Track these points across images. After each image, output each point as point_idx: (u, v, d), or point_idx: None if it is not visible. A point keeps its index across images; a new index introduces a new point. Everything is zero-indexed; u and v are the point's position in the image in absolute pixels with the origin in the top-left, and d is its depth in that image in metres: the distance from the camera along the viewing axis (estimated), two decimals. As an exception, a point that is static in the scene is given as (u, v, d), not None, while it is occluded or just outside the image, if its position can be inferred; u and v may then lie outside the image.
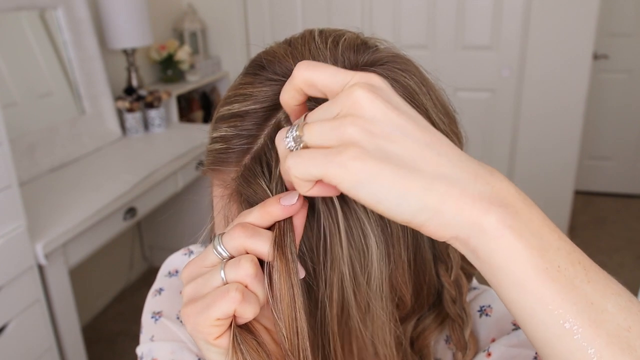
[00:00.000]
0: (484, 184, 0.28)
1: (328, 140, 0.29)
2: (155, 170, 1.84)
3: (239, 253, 0.34)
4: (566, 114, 2.56)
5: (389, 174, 0.27)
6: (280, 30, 2.77)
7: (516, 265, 0.27)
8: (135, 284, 2.54)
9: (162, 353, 0.53)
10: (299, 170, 0.29)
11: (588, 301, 0.27)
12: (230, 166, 0.38)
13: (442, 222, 0.28)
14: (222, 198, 0.39)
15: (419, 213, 0.28)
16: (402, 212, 0.28)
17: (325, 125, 0.29)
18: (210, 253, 0.35)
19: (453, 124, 0.41)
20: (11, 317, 1.31)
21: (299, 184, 0.30)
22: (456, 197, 0.27)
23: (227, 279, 0.33)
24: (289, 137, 0.30)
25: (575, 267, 0.28)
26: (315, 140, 0.29)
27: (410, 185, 0.27)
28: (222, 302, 0.32)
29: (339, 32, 0.41)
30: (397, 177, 0.27)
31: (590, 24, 2.38)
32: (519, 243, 0.27)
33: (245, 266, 0.33)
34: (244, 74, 0.41)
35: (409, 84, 0.38)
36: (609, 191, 3.38)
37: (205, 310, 0.32)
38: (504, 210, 0.28)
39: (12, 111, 1.75)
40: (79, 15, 1.99)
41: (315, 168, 0.28)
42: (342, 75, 0.30)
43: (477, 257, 0.28)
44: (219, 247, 0.34)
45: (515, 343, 0.44)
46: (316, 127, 0.29)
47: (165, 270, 0.62)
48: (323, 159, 0.28)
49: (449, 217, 0.28)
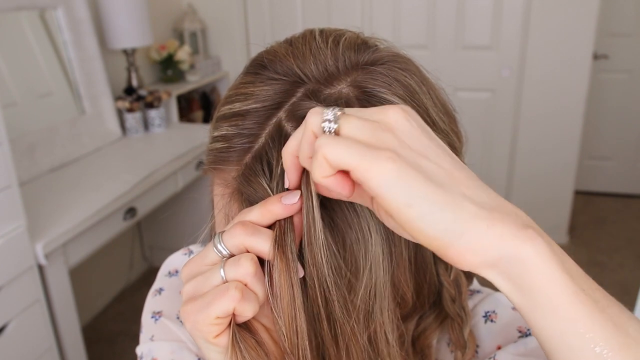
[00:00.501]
0: (510, 210, 0.28)
1: (365, 136, 0.28)
2: (155, 170, 1.84)
3: (239, 251, 0.34)
4: (566, 114, 2.56)
5: (422, 182, 0.27)
6: (280, 30, 2.77)
7: (551, 288, 0.27)
8: (135, 284, 2.54)
9: (162, 353, 0.53)
10: (334, 152, 0.28)
11: (614, 325, 0.27)
12: (231, 165, 0.38)
13: (470, 244, 0.27)
14: (222, 197, 0.39)
15: (448, 233, 0.27)
16: (432, 224, 0.27)
17: (365, 122, 0.29)
18: (210, 251, 0.34)
19: (453, 123, 0.41)
20: (11, 317, 1.31)
21: (323, 166, 0.28)
22: (486, 219, 0.27)
23: (226, 277, 0.33)
24: (329, 115, 0.29)
25: (595, 292, 0.28)
26: (352, 130, 0.28)
27: (442, 198, 0.27)
28: (222, 301, 0.32)
29: (339, 31, 0.41)
30: (430, 187, 0.27)
31: (590, 24, 2.38)
32: (554, 265, 0.27)
33: (245, 265, 0.33)
34: (245, 73, 0.41)
35: (409, 83, 0.38)
36: (609, 191, 3.38)
37: (205, 309, 0.32)
38: (533, 232, 0.27)
39: (12, 111, 1.75)
40: (79, 15, 1.99)
41: (352, 157, 0.27)
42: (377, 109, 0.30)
43: (509, 280, 0.28)
44: (219, 245, 0.34)
45: (523, 352, 0.44)
46: (355, 120, 0.29)
47: (165, 270, 0.62)
48: (360, 150, 0.27)
49: (478, 238, 0.27)
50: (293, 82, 0.37)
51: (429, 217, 0.27)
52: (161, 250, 2.61)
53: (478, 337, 0.48)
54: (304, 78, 0.37)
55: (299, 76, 0.37)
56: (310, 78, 0.37)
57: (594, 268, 2.59)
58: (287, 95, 0.37)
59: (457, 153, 0.40)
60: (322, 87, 0.36)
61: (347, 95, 0.36)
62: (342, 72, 0.37)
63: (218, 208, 0.40)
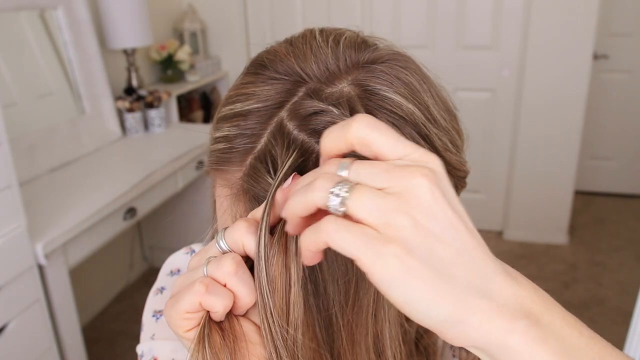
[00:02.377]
0: (509, 295, 0.28)
1: (375, 220, 0.27)
2: (155, 170, 1.84)
3: (237, 248, 0.34)
4: (566, 114, 2.56)
5: (424, 281, 0.26)
6: (280, 30, 2.77)
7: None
8: (135, 284, 2.54)
9: (163, 352, 0.53)
10: (338, 242, 0.27)
11: None
12: (234, 166, 0.38)
13: (463, 332, 0.27)
14: (226, 198, 0.39)
15: (443, 322, 0.27)
16: (427, 319, 0.27)
17: (379, 202, 0.27)
18: (212, 247, 0.35)
19: (454, 120, 0.41)
20: (11, 317, 1.31)
21: (318, 244, 0.28)
22: (483, 312, 0.27)
23: (208, 275, 0.33)
24: (336, 196, 0.28)
25: (595, 348, 0.28)
26: (362, 213, 0.27)
27: (442, 295, 0.27)
28: (188, 295, 0.33)
29: (339, 30, 0.41)
30: (432, 286, 0.26)
31: (590, 24, 2.38)
32: (545, 355, 0.27)
33: (226, 264, 0.33)
34: (245, 73, 0.41)
35: (410, 81, 0.38)
36: (609, 191, 3.38)
37: (176, 303, 0.33)
38: (527, 322, 0.27)
39: (12, 111, 1.75)
40: (79, 15, 1.99)
41: (353, 248, 0.27)
42: (401, 146, 0.28)
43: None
44: (221, 241, 0.34)
45: None
46: (367, 199, 0.27)
47: (166, 269, 0.62)
48: (364, 242, 0.26)
49: (472, 329, 0.27)
50: (294, 81, 0.37)
51: (426, 314, 0.27)
52: (161, 250, 2.61)
53: None
54: (305, 77, 0.37)
55: (300, 75, 0.37)
56: (312, 77, 0.37)
57: (594, 268, 2.59)
58: (288, 95, 0.37)
59: (459, 150, 0.41)
60: (324, 86, 0.36)
61: (349, 93, 0.36)
62: (343, 70, 0.37)
63: (222, 209, 0.40)
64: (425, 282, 0.26)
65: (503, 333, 0.27)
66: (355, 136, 0.28)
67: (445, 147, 0.38)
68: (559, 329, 0.28)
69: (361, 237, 0.26)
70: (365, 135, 0.28)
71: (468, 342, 0.28)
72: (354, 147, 0.29)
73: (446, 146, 0.38)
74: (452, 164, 0.39)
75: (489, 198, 2.85)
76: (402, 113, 0.36)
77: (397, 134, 0.29)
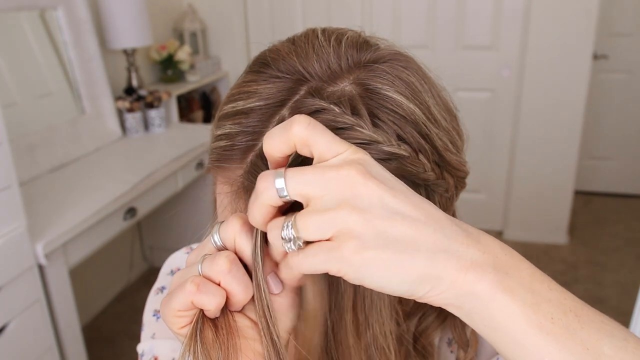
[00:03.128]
0: (476, 251, 0.29)
1: (326, 233, 0.29)
2: (155, 170, 1.84)
3: (229, 244, 0.34)
4: (566, 114, 2.56)
5: (389, 263, 0.28)
6: (281, 30, 2.77)
7: (512, 325, 0.28)
8: (135, 284, 2.54)
9: (163, 350, 0.53)
10: (306, 267, 0.30)
11: (584, 347, 0.28)
12: (235, 163, 0.38)
13: (438, 292, 0.29)
14: (227, 195, 0.39)
15: (418, 288, 0.29)
16: (404, 292, 0.29)
17: (322, 217, 0.29)
18: (208, 242, 0.35)
19: (454, 120, 0.41)
20: (11, 317, 1.31)
21: (296, 277, 0.33)
22: (452, 270, 0.29)
23: (202, 273, 0.34)
24: (286, 239, 0.30)
25: (567, 315, 0.29)
26: (313, 235, 0.29)
27: (411, 267, 0.28)
28: (179, 294, 0.33)
29: (341, 30, 0.41)
30: (397, 264, 0.28)
31: (590, 24, 2.38)
32: (512, 304, 0.28)
33: (220, 262, 0.33)
34: (248, 71, 0.41)
35: (411, 81, 0.38)
36: (609, 191, 3.38)
37: (169, 301, 0.34)
38: (495, 273, 0.29)
39: (12, 111, 1.75)
40: (79, 15, 1.99)
41: (320, 264, 0.29)
42: (337, 145, 0.30)
43: (472, 320, 0.30)
44: (216, 235, 0.35)
45: None
46: (312, 221, 0.29)
47: (167, 268, 0.62)
48: (325, 255, 0.29)
49: (445, 287, 0.29)
50: (296, 80, 0.37)
51: (401, 288, 0.29)
52: (161, 250, 2.61)
53: (479, 336, 0.48)
54: (307, 76, 0.37)
55: (302, 74, 0.37)
56: (314, 76, 0.37)
57: (594, 268, 2.59)
58: (290, 93, 0.37)
59: (459, 150, 0.41)
60: (325, 85, 0.37)
61: (350, 92, 0.36)
62: (345, 70, 0.38)
63: (223, 206, 0.40)
64: (391, 264, 0.28)
65: (471, 284, 0.29)
66: (298, 137, 0.30)
67: (445, 147, 0.38)
68: (528, 282, 0.29)
69: (321, 254, 0.29)
70: (306, 137, 0.30)
71: (447, 301, 0.30)
72: (296, 148, 0.30)
73: (446, 146, 0.38)
74: (452, 164, 0.39)
75: (489, 198, 2.85)
76: (403, 112, 0.36)
77: (332, 134, 0.30)
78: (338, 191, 0.28)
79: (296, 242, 0.30)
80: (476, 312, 0.29)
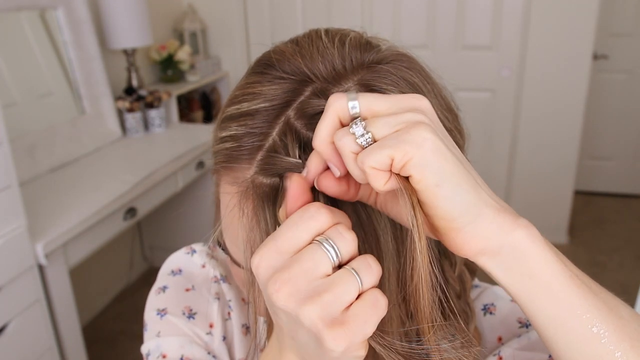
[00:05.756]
0: (509, 209, 0.31)
1: (396, 127, 0.29)
2: (155, 170, 1.84)
3: (351, 257, 0.31)
4: (566, 114, 2.56)
5: (453, 160, 0.29)
6: (280, 30, 2.77)
7: (548, 272, 0.29)
8: (135, 284, 2.54)
9: (171, 347, 0.53)
10: (373, 157, 0.29)
11: (608, 307, 0.29)
12: (243, 163, 0.38)
13: (477, 230, 0.29)
14: (234, 196, 0.39)
15: (467, 209, 0.29)
16: (454, 203, 0.29)
17: (390, 116, 0.30)
18: (322, 259, 0.30)
19: (456, 120, 0.42)
20: (11, 317, 1.31)
21: (376, 175, 0.29)
22: (493, 207, 0.30)
23: (365, 286, 0.30)
24: (357, 134, 0.30)
25: (585, 277, 0.30)
26: (383, 130, 0.29)
27: (466, 180, 0.29)
28: (374, 316, 0.29)
29: (344, 31, 0.42)
30: (458, 166, 0.29)
31: (590, 24, 2.38)
32: (549, 253, 0.29)
33: (377, 268, 0.31)
34: (251, 73, 0.41)
35: (415, 82, 0.38)
36: (609, 191, 3.38)
37: (362, 329, 0.29)
38: (527, 229, 0.30)
39: (12, 111, 1.75)
40: (79, 15, 1.99)
41: (388, 149, 0.29)
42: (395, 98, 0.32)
43: (508, 268, 0.30)
44: (333, 250, 0.30)
45: (526, 345, 0.44)
46: (380, 119, 0.30)
47: (167, 268, 0.62)
48: (394, 139, 0.29)
49: (487, 224, 0.29)
50: (301, 80, 0.37)
51: (455, 197, 0.29)
52: (161, 250, 2.61)
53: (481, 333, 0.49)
54: (312, 77, 0.37)
55: (307, 75, 0.38)
56: (318, 77, 0.37)
57: (594, 268, 2.59)
58: (295, 94, 0.37)
59: (461, 149, 0.41)
60: (330, 86, 0.37)
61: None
62: (349, 71, 0.38)
63: (229, 207, 0.40)
64: (452, 162, 0.29)
65: (510, 229, 0.29)
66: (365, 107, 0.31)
67: None
68: (551, 246, 0.31)
69: (388, 139, 0.29)
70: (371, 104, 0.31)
71: (479, 245, 0.30)
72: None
73: None
74: None
75: (489, 198, 2.85)
76: None
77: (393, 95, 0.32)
78: (406, 107, 0.30)
79: (365, 135, 0.30)
80: (514, 259, 0.29)
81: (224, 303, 0.58)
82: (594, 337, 0.28)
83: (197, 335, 0.55)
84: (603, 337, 0.28)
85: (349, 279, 0.29)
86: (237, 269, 0.44)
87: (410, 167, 0.28)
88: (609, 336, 0.28)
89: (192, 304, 0.57)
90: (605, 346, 0.28)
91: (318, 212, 0.31)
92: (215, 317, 0.56)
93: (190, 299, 0.57)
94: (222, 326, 0.56)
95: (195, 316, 0.56)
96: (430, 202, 0.29)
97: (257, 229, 0.37)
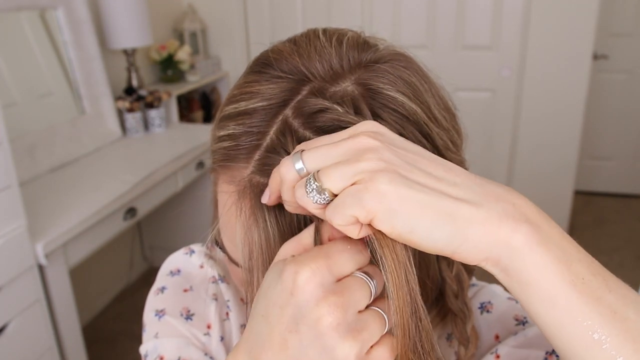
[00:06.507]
0: (506, 203, 0.29)
1: (349, 178, 0.28)
2: (155, 170, 1.84)
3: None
4: (566, 114, 2.56)
5: (418, 200, 0.28)
6: (280, 30, 2.77)
7: (546, 279, 0.28)
8: (135, 284, 2.54)
9: (169, 348, 0.53)
10: (338, 218, 0.29)
11: (612, 310, 0.28)
12: (240, 162, 0.38)
13: (472, 246, 0.28)
14: (231, 195, 0.39)
15: (450, 240, 0.28)
16: (434, 241, 0.28)
17: (342, 166, 0.29)
18: (366, 294, 0.31)
19: (453, 119, 0.42)
20: (11, 317, 1.31)
21: (347, 229, 0.29)
22: (482, 220, 0.28)
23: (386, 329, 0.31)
24: (312, 192, 0.29)
25: (596, 277, 0.29)
26: (338, 183, 0.29)
27: (438, 211, 0.28)
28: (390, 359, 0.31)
29: (341, 31, 0.42)
30: (426, 204, 0.28)
31: (590, 24, 2.38)
32: (547, 257, 0.28)
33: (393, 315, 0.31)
34: (249, 72, 0.41)
35: (412, 81, 0.38)
36: (609, 191, 3.38)
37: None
38: (529, 226, 0.28)
39: (12, 111, 1.75)
40: (79, 15, 1.99)
41: (351, 209, 0.28)
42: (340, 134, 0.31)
43: (508, 275, 0.29)
44: (374, 289, 0.31)
45: (523, 342, 0.44)
46: (333, 171, 0.29)
47: (166, 269, 0.62)
48: (354, 196, 0.28)
49: (477, 240, 0.28)
50: (299, 80, 0.38)
51: (432, 236, 0.28)
52: (161, 250, 2.61)
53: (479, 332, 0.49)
54: (310, 76, 0.38)
55: (305, 74, 0.38)
56: (316, 76, 0.37)
57: (594, 268, 2.59)
58: (293, 93, 0.37)
59: (458, 149, 0.41)
60: (328, 85, 0.37)
61: (352, 92, 0.36)
62: (347, 70, 0.38)
63: (227, 206, 0.40)
64: (419, 203, 0.28)
65: (506, 235, 0.28)
66: None
67: (446, 146, 0.39)
68: (558, 240, 0.29)
69: (348, 198, 0.28)
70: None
71: (480, 255, 0.29)
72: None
73: (447, 145, 0.39)
74: None
75: (489, 198, 2.85)
76: (405, 112, 0.37)
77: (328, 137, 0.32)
78: (354, 150, 0.29)
79: (322, 193, 0.29)
80: (512, 267, 0.28)
81: (222, 303, 0.58)
82: (594, 343, 0.27)
83: (195, 336, 0.55)
84: (604, 342, 0.27)
85: (381, 320, 0.31)
86: (235, 268, 0.44)
87: (377, 223, 0.28)
88: (610, 341, 0.27)
89: (190, 305, 0.57)
90: (607, 352, 0.27)
91: (365, 248, 0.32)
92: (213, 318, 0.56)
93: (188, 300, 0.57)
94: (220, 327, 0.56)
95: (193, 317, 0.56)
96: (411, 244, 0.29)
97: (254, 228, 0.37)
